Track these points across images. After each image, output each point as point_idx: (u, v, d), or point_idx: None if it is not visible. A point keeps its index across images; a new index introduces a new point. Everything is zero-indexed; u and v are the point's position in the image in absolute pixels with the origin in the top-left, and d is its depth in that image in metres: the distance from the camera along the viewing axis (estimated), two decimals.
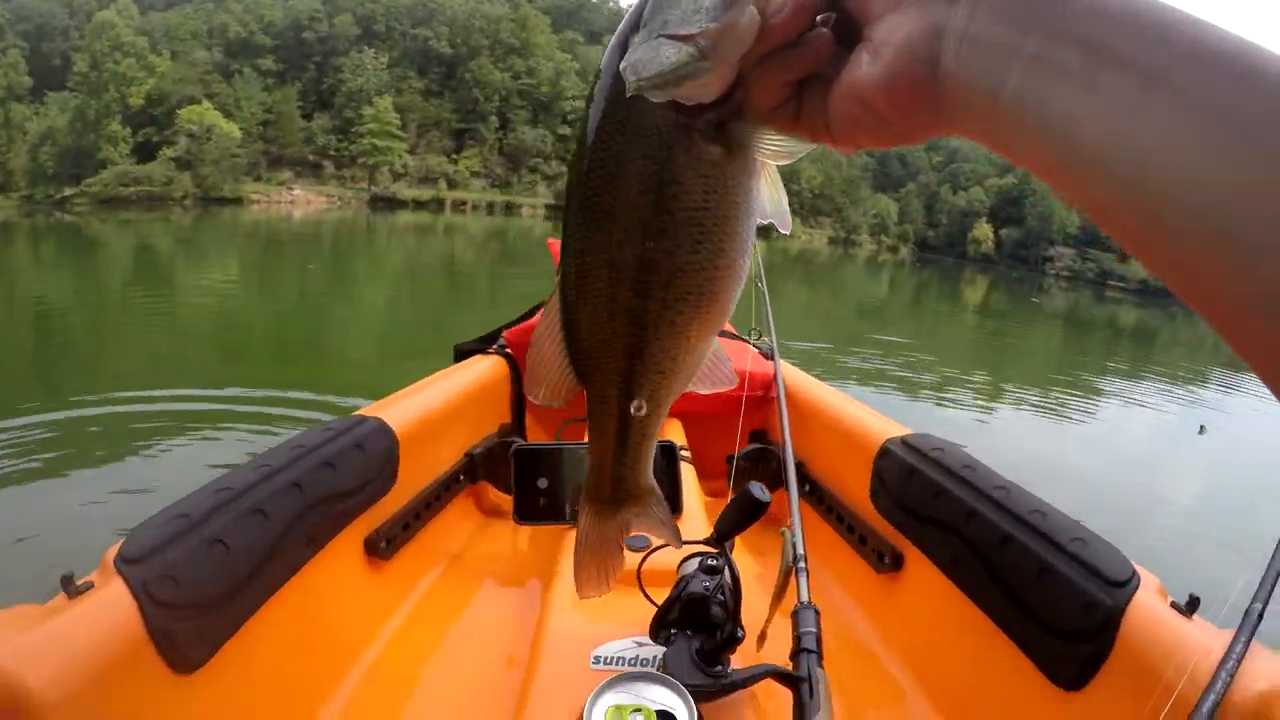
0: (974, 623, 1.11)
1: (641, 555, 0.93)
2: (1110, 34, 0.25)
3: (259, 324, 8.39)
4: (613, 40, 0.36)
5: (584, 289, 0.39)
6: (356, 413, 1.27)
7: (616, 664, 0.88)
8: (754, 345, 2.04)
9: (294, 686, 0.99)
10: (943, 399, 7.04)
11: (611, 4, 71.88)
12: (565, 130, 53.53)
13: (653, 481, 0.50)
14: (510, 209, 44.73)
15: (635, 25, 0.34)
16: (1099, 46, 0.25)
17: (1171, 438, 7.54)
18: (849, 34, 0.32)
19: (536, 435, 1.90)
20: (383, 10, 58.04)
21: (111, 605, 0.74)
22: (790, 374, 1.88)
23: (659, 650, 0.85)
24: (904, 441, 1.41)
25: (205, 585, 0.83)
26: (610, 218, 0.37)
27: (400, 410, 1.32)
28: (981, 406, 7.11)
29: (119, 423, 3.93)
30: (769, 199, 0.38)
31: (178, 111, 46.43)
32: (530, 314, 2.03)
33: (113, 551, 0.79)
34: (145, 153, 46.39)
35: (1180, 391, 11.62)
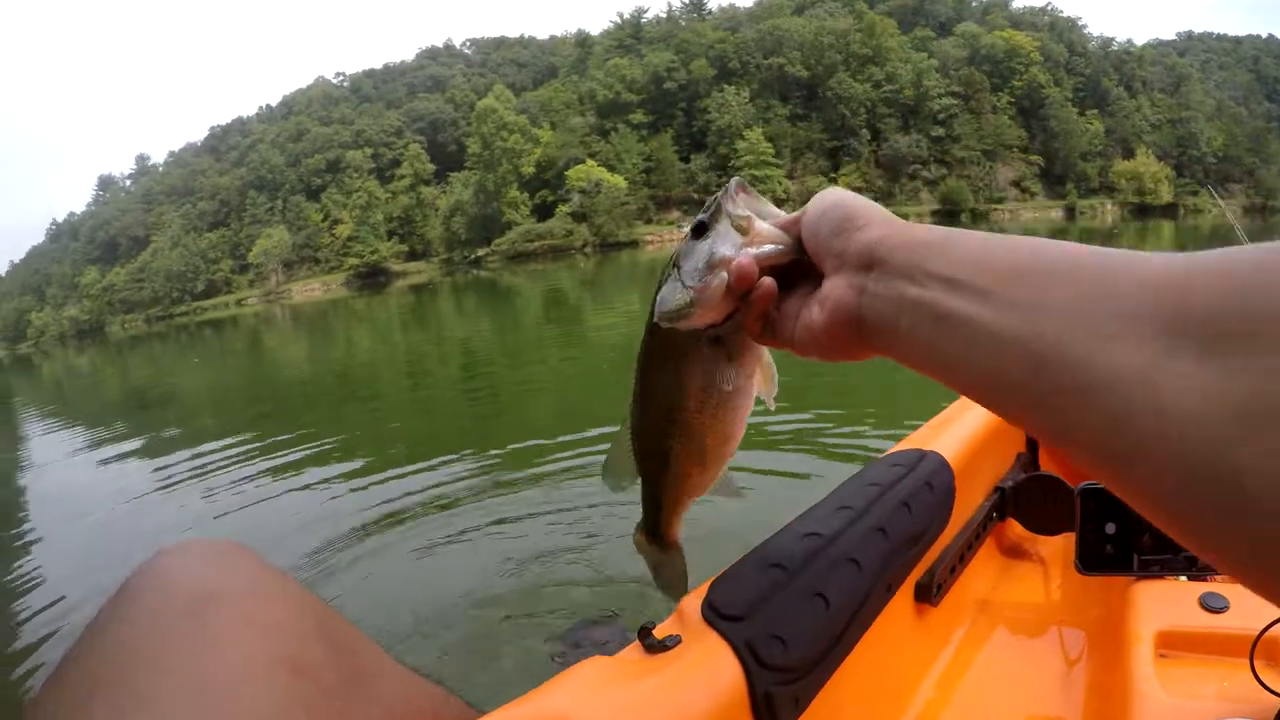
0: None
1: (1263, 626, 0.76)
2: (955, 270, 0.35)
3: None
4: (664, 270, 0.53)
5: (641, 427, 0.59)
6: (907, 444, 1.23)
7: None
8: None
9: None
10: None
11: None
12: (939, 131, 48.04)
13: (677, 540, 0.69)
14: None
15: (675, 265, 0.50)
16: (951, 281, 0.35)
17: None
18: (810, 278, 0.46)
19: (1050, 469, 1.59)
20: (733, 49, 59.21)
21: (713, 667, 0.68)
22: None
23: None
24: None
25: (807, 645, 0.76)
26: (654, 383, 0.56)
27: (950, 441, 1.26)
28: None
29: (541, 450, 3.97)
30: (763, 386, 0.55)
31: (566, 173, 52.41)
32: None
33: (694, 603, 0.73)
34: (544, 211, 52.69)
35: None
